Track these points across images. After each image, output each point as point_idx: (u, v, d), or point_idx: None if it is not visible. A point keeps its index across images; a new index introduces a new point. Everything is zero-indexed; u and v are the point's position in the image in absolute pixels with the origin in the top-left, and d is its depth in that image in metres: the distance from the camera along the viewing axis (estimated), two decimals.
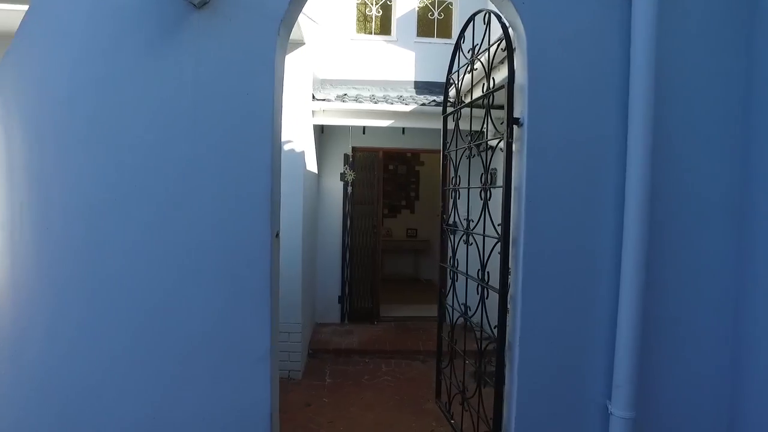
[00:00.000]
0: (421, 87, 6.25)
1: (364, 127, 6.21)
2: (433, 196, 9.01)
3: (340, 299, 6.28)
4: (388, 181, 8.99)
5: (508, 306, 2.19)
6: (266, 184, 1.99)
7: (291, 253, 4.64)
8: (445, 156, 3.16)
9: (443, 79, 5.85)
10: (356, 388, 4.70)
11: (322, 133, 6.22)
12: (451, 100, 3.18)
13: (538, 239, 2.05)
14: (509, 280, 2.19)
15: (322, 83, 5.95)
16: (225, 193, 1.99)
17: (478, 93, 4.63)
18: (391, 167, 9.01)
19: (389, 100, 5.32)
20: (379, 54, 6.38)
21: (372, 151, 6.32)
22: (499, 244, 2.24)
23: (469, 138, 2.72)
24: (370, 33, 6.72)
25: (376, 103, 5.22)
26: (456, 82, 3.02)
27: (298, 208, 4.64)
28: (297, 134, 4.65)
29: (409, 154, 9.01)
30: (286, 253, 4.61)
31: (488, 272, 2.55)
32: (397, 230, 8.97)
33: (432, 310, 6.81)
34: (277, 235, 2.13)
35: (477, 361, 2.60)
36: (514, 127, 2.13)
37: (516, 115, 2.12)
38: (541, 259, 2.06)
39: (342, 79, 6.09)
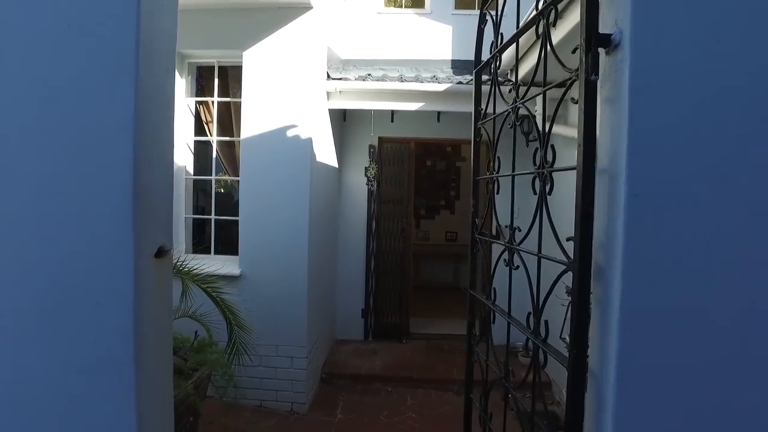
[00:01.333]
0: (460, 66, 5.21)
1: (392, 114, 5.25)
2: None
3: (364, 313, 5.35)
4: (425, 178, 7.99)
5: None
6: (123, 180, 1.06)
7: (291, 267, 3.77)
8: (477, 130, 2.14)
9: (486, 57, 4.83)
10: (372, 429, 3.75)
11: (344, 120, 5.32)
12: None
13: (656, 273, 1.01)
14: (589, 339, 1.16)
15: (344, 64, 5.05)
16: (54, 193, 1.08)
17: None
18: (428, 163, 8.01)
19: (419, 79, 4.34)
20: (410, 29, 5.40)
21: (401, 142, 5.36)
22: (569, 273, 1.21)
23: (515, 90, 1.66)
24: (400, 6, 5.75)
25: (402, 81, 4.26)
26: (495, 17, 1.92)
27: (303, 210, 3.75)
28: (303, 119, 3.76)
29: (448, 148, 7.97)
30: (284, 268, 3.74)
31: (546, 320, 1.49)
32: (435, 233, 7.95)
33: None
34: (161, 253, 1.20)
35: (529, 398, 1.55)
36: (601, 53, 1.11)
37: (604, 29, 1.10)
38: (664, 316, 1.01)
39: (367, 59, 5.16)
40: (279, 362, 3.82)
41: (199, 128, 4.16)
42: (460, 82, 4.27)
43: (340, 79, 4.32)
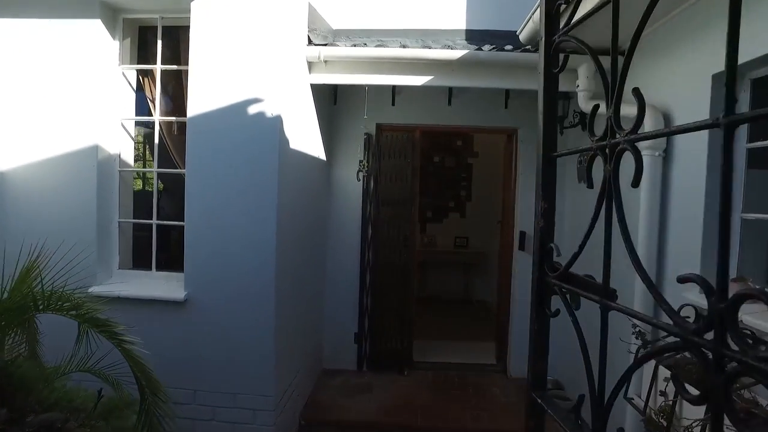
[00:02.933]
0: (476, 38, 4.18)
1: (393, 95, 4.24)
2: (489, 196, 6.89)
3: (357, 338, 4.34)
4: (432, 176, 6.96)
5: None
6: None
7: (253, 287, 2.77)
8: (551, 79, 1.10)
9: (510, 27, 3.82)
10: None
11: (334, 104, 4.31)
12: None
13: None
14: None
15: (336, 34, 4.05)
16: None
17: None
18: (436, 159, 6.98)
19: (427, 45, 3.33)
20: None
21: (404, 131, 4.34)
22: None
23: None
24: None
25: (404, 47, 3.25)
26: None
27: (268, 212, 2.75)
28: (270, 92, 2.75)
29: (458, 143, 6.94)
30: (245, 289, 2.76)
31: None
32: (442, 238, 6.93)
33: (488, 353, 4.76)
34: None
35: None
36: None
37: None
38: None
39: (362, 29, 4.15)
40: (237, 416, 2.82)
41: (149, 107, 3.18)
42: (479, 49, 3.25)
43: (325, 44, 3.31)
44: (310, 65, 3.42)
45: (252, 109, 2.74)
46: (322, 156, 4.06)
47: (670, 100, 2.54)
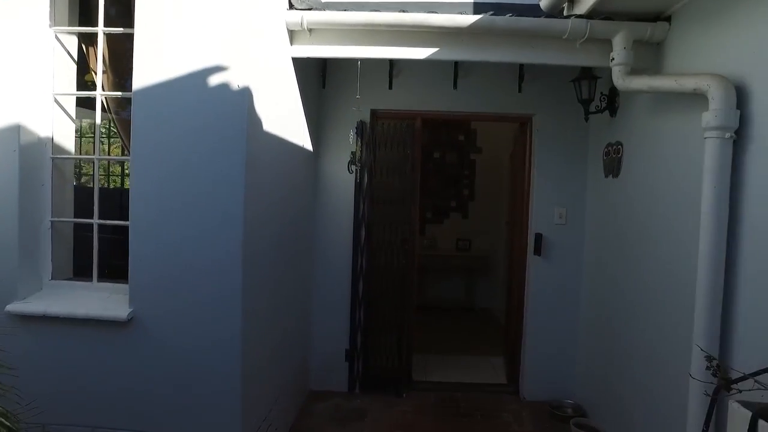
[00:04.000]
0: (485, 10, 3.64)
1: (390, 77, 3.68)
2: (494, 195, 6.34)
3: (349, 355, 3.77)
4: (432, 174, 6.40)
5: None
6: None
7: (214, 303, 2.20)
8: None
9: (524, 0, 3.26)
10: None
11: (323, 87, 3.74)
12: None
13: None
14: None
15: (324, 6, 3.48)
16: None
17: None
18: (436, 155, 6.42)
19: (431, 9, 2.77)
20: None
21: (404, 118, 3.78)
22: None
23: None
24: None
25: (404, 12, 2.68)
26: None
27: (233, 208, 2.17)
28: (236, 60, 2.18)
29: (461, 137, 6.38)
30: (203, 305, 2.18)
31: None
32: (443, 240, 6.37)
33: (496, 370, 4.18)
34: None
35: None
36: None
37: None
38: None
39: (355, 1, 3.59)
40: None
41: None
42: (495, 14, 2.69)
43: (309, 9, 2.75)
44: (292, 35, 2.85)
45: (213, 80, 2.17)
46: (308, 146, 3.49)
47: (745, 70, 1.98)
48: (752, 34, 1.94)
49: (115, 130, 2.53)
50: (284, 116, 2.82)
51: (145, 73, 2.19)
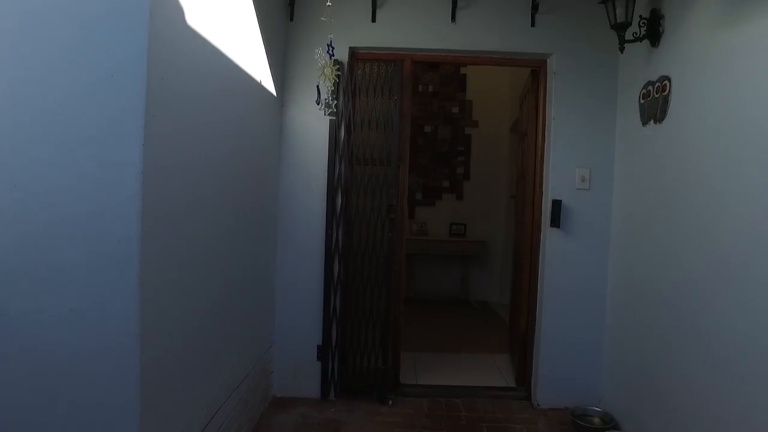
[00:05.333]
0: None
1: (374, 7, 2.96)
2: (494, 173, 5.66)
3: (322, 353, 3.02)
4: (422, 150, 5.70)
5: None
6: None
7: (100, 297, 1.43)
8: None
9: None
10: None
11: (291, 20, 3.01)
12: None
13: None
14: None
15: None
16: None
17: None
18: (427, 129, 5.72)
19: None
20: None
21: (390, 59, 3.05)
22: None
23: None
24: None
25: None
26: None
27: (127, 156, 1.40)
28: None
29: (455, 109, 5.68)
30: (82, 301, 1.40)
31: None
32: (435, 225, 5.67)
33: (502, 371, 3.36)
34: None
35: None
36: None
37: None
38: None
39: None
40: None
41: None
42: None
43: None
44: None
45: None
46: (270, 89, 2.75)
47: None
48: None
49: None
50: (230, 43, 2.07)
51: None
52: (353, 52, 3.02)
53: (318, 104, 2.65)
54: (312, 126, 2.99)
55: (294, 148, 3.02)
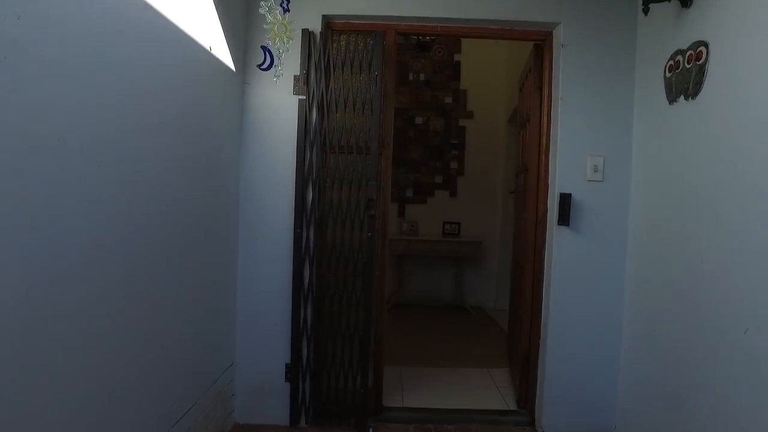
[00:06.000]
0: None
1: None
2: (490, 168, 5.23)
3: (291, 373, 2.57)
4: (413, 143, 5.28)
5: None
6: None
7: None
8: None
9: None
10: None
11: None
12: None
13: None
14: None
15: None
16: None
17: None
18: (418, 120, 5.28)
19: None
20: None
21: (369, 29, 2.61)
22: None
23: None
24: None
25: None
26: None
27: None
28: None
29: (448, 99, 5.25)
30: None
31: None
32: (427, 224, 5.23)
33: (501, 390, 2.86)
34: None
35: None
36: None
37: None
38: None
39: None
40: None
41: None
42: None
43: None
44: None
45: None
46: (227, 61, 2.30)
47: None
48: None
49: None
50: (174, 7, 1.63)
51: None
52: (328, 22, 2.58)
53: (262, 68, 2.14)
54: (279, 107, 2.55)
55: (258, 133, 2.57)
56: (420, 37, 3.70)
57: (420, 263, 5.16)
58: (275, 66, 2.06)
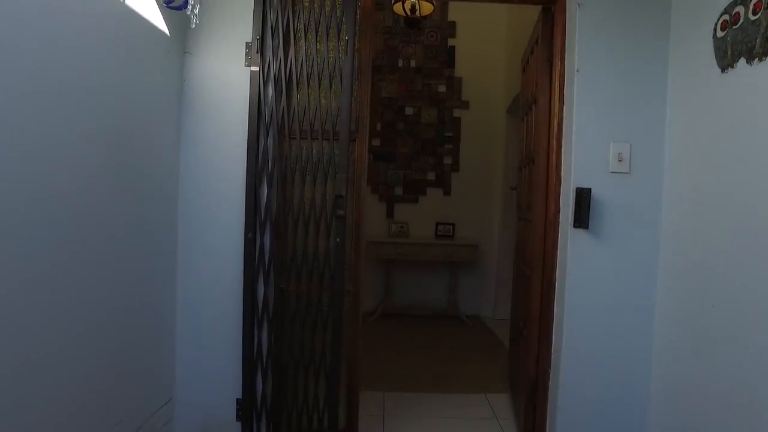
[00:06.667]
0: None
1: None
2: (488, 163, 4.75)
3: (243, 409, 2.06)
4: (403, 136, 4.78)
5: None
6: None
7: None
8: None
9: None
10: None
11: None
12: None
13: None
14: None
15: None
16: None
17: None
18: (408, 111, 4.78)
19: None
20: None
21: None
22: None
23: None
24: None
25: None
26: None
27: None
28: None
29: (441, 87, 4.75)
30: None
31: None
32: (418, 225, 4.73)
33: (500, 421, 2.46)
34: None
35: None
36: None
37: None
38: None
39: None
40: None
41: None
42: None
43: None
44: None
45: None
46: (159, 23, 1.79)
47: None
48: None
49: None
50: None
51: None
52: None
53: (171, 5, 1.59)
54: (228, 81, 2.04)
55: (201, 114, 2.06)
56: (409, 12, 3.18)
57: (410, 268, 4.65)
58: (189, 4, 1.53)
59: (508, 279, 3.77)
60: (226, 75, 2.04)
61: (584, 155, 2.01)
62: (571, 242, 2.01)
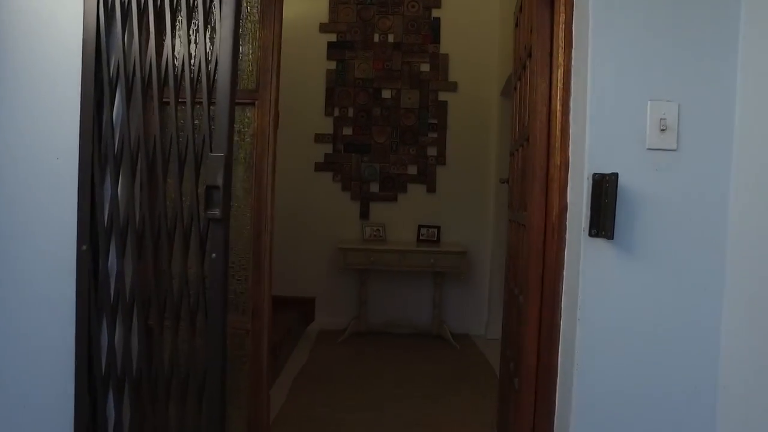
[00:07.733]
0: None
1: None
2: (479, 155, 4.02)
3: None
4: (380, 123, 4.05)
5: None
6: None
7: None
8: None
9: None
10: None
11: None
12: None
13: None
14: None
15: None
16: None
17: None
18: (386, 95, 4.05)
19: None
20: None
21: None
22: None
23: None
24: None
25: None
26: None
27: None
28: None
29: (424, 66, 4.02)
30: None
31: None
32: (397, 228, 4.00)
33: None
34: None
35: None
36: None
37: None
38: None
39: None
40: None
41: None
42: None
43: None
44: None
45: None
46: None
47: None
48: None
49: None
50: None
51: None
52: None
53: None
54: (51, 19, 1.31)
55: (11, 69, 1.33)
56: None
57: (388, 279, 3.91)
58: None
59: (503, 291, 3.04)
60: (50, 8, 1.31)
61: (605, 123, 1.26)
62: (586, 258, 1.26)
